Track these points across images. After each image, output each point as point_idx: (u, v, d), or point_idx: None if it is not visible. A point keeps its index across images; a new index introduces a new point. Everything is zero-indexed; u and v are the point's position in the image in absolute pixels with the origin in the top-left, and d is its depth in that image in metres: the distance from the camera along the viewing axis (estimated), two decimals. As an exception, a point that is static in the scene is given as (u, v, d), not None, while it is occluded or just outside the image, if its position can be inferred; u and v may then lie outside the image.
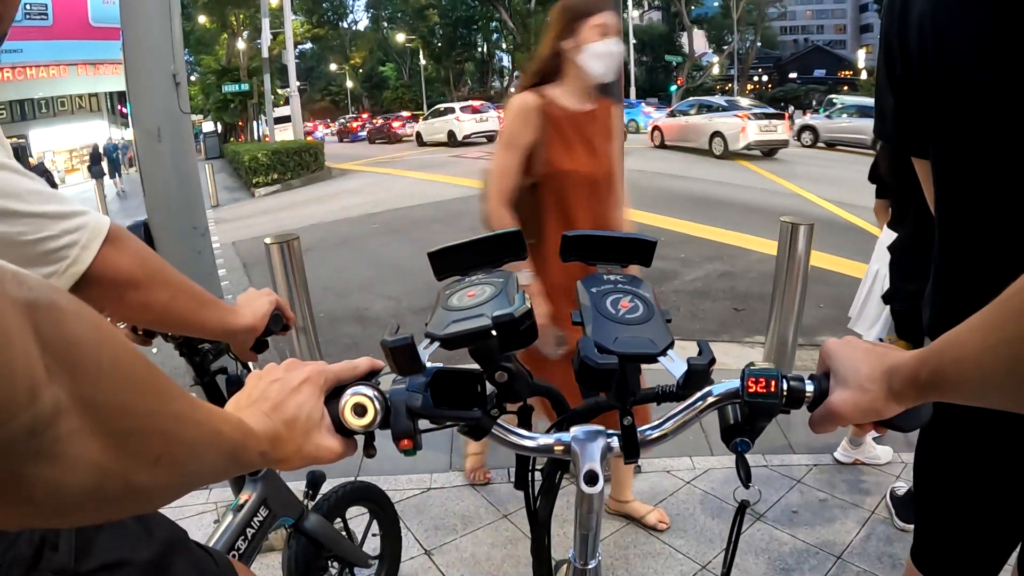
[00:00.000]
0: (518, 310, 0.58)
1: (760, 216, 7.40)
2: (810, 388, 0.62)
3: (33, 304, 0.28)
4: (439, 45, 44.70)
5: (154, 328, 1.03)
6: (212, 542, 1.12)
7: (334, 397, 0.61)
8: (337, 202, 11.42)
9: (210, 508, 2.28)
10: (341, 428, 0.60)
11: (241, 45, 27.57)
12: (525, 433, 0.69)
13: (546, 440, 0.68)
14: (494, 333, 0.59)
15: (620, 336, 0.62)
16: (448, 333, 0.60)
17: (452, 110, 22.37)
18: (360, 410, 0.60)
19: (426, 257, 0.69)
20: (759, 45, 43.60)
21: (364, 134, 31.23)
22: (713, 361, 0.61)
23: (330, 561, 1.43)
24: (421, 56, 43.83)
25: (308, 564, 1.34)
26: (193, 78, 30.09)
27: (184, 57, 2.36)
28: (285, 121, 22.92)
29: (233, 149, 20.68)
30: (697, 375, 0.61)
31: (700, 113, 16.05)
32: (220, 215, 11.40)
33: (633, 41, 31.89)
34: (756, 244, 6.33)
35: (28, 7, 18.52)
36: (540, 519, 0.78)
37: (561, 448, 0.68)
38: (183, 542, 0.86)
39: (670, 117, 17.27)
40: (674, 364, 0.61)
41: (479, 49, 46.82)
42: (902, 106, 0.91)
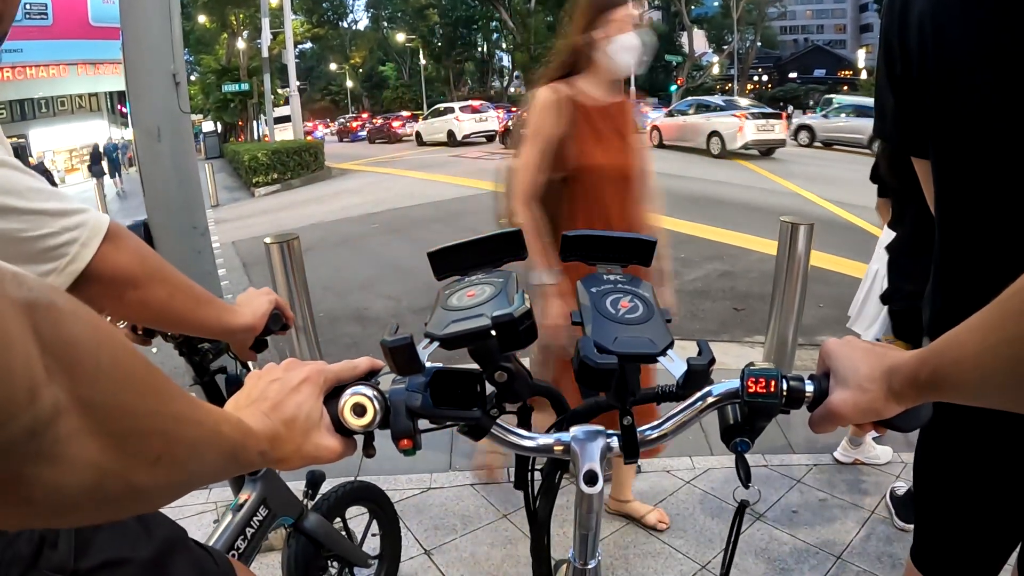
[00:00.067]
0: (517, 310, 0.58)
1: (760, 216, 7.40)
2: (810, 388, 0.62)
3: (32, 304, 0.28)
4: (439, 45, 44.70)
5: (153, 326, 1.03)
6: (212, 541, 1.12)
7: (334, 397, 0.61)
8: (337, 202, 11.42)
9: (210, 508, 2.28)
10: (341, 428, 0.60)
11: (241, 45, 27.57)
12: (524, 433, 0.69)
13: (546, 440, 0.68)
14: (493, 333, 0.59)
15: (620, 336, 0.62)
16: (447, 333, 0.60)
17: (452, 110, 22.37)
18: (359, 410, 0.60)
19: (426, 257, 0.69)
20: (759, 45, 43.61)
21: (364, 134, 31.23)
22: (713, 361, 0.61)
23: (330, 561, 1.43)
24: (421, 56, 43.82)
25: (308, 564, 1.34)
26: (193, 78, 30.10)
27: (184, 57, 2.36)
28: (285, 121, 22.93)
29: (233, 149, 20.68)
30: (697, 375, 0.61)
31: (698, 113, 16.06)
32: (220, 215, 11.39)
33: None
34: (756, 244, 6.33)
35: (28, 7, 18.53)
36: (540, 519, 0.78)
37: (561, 448, 0.68)
38: (183, 541, 0.86)
39: (668, 117, 17.29)
40: (674, 364, 0.61)
41: (479, 49, 46.82)
42: (902, 106, 0.91)
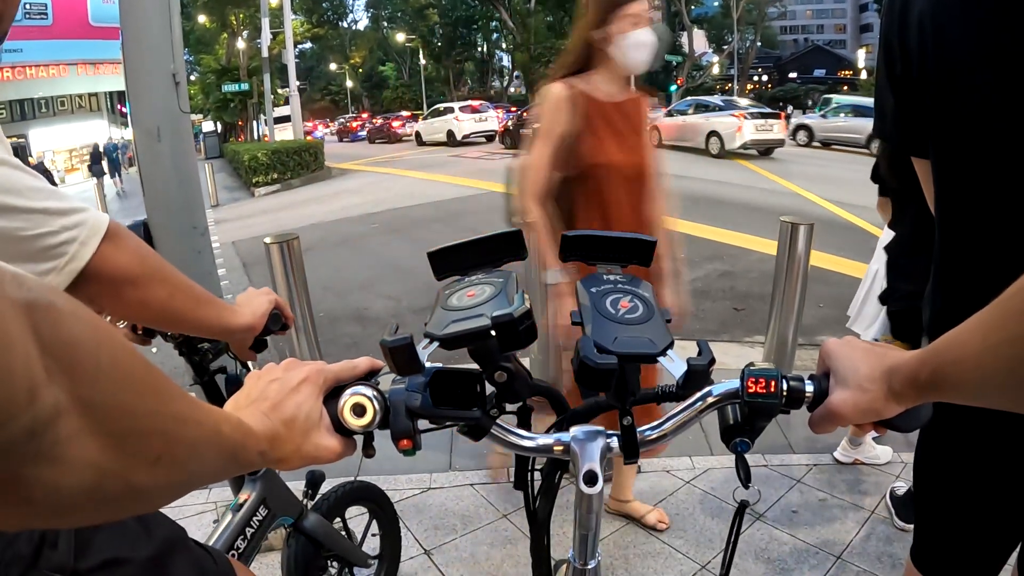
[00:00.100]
0: (517, 310, 0.58)
1: (759, 215, 7.40)
2: (810, 388, 0.62)
3: (32, 305, 0.28)
4: (439, 45, 44.69)
5: (152, 326, 1.03)
6: (211, 541, 1.12)
7: (333, 397, 0.60)
8: (337, 202, 11.41)
9: (209, 507, 2.28)
10: (340, 428, 0.60)
11: (241, 45, 27.56)
12: (524, 433, 0.69)
13: (545, 440, 0.68)
14: (493, 333, 0.59)
15: (619, 336, 0.61)
16: (447, 333, 0.60)
17: (451, 110, 22.37)
18: (359, 410, 0.60)
19: (426, 257, 0.69)
20: (759, 45, 43.57)
21: (364, 134, 31.24)
22: (713, 361, 0.61)
23: (329, 561, 1.43)
24: (421, 56, 43.80)
25: (307, 563, 1.34)
26: (193, 78, 30.10)
27: (184, 57, 2.36)
28: (285, 121, 22.93)
29: (233, 149, 20.68)
30: (697, 375, 0.61)
31: (697, 113, 16.07)
32: (220, 215, 11.39)
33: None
34: (756, 244, 6.33)
35: (28, 7, 18.54)
36: (539, 519, 0.78)
37: (560, 448, 0.68)
38: (182, 541, 0.86)
39: (667, 117, 17.29)
40: (674, 364, 0.61)
41: (479, 49, 46.81)
42: (902, 106, 0.91)
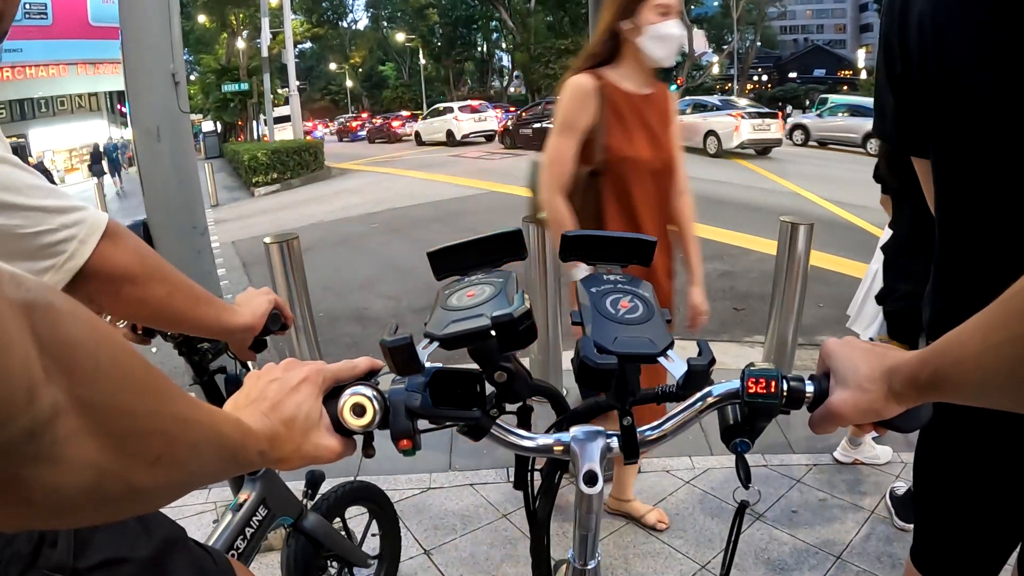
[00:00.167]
0: (517, 310, 0.58)
1: (759, 215, 7.40)
2: (810, 388, 0.62)
3: (31, 305, 0.28)
4: (439, 44, 44.69)
5: (152, 325, 1.03)
6: (211, 541, 1.12)
7: (333, 397, 0.60)
8: (337, 201, 11.42)
9: (209, 507, 2.28)
10: (340, 428, 0.60)
11: (241, 44, 27.56)
12: (524, 433, 0.69)
13: (545, 440, 0.68)
14: (493, 333, 0.58)
15: (620, 336, 0.61)
16: (447, 333, 0.60)
17: (451, 110, 22.38)
18: (359, 410, 0.60)
19: (425, 257, 0.69)
20: (759, 45, 43.60)
21: (364, 133, 31.23)
22: (713, 361, 0.61)
23: (329, 561, 1.43)
24: (421, 55, 43.79)
25: (307, 563, 1.34)
26: (193, 77, 30.10)
27: (183, 56, 2.36)
28: (285, 120, 22.95)
29: (233, 148, 20.69)
30: (697, 375, 0.61)
31: (695, 112, 16.09)
32: (219, 214, 11.40)
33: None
34: (756, 244, 6.33)
35: (28, 6, 18.54)
36: (539, 519, 0.78)
37: (560, 448, 0.68)
38: (182, 540, 0.86)
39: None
40: (674, 364, 0.61)
41: (479, 49, 46.81)
42: (902, 106, 0.91)
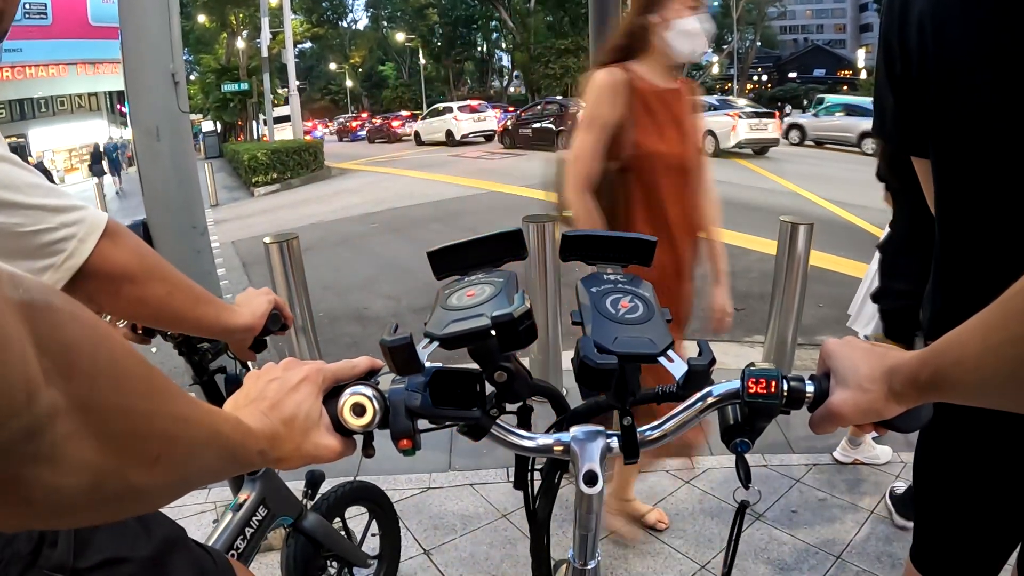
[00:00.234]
0: (517, 310, 0.58)
1: (758, 215, 7.39)
2: (810, 388, 0.62)
3: (30, 306, 0.28)
4: (439, 44, 44.68)
5: (152, 325, 1.03)
6: (211, 541, 1.12)
7: (333, 396, 0.60)
8: (336, 201, 11.42)
9: (209, 507, 2.28)
10: (340, 427, 0.60)
11: (240, 44, 27.58)
12: (524, 433, 0.69)
13: (545, 440, 0.68)
14: (493, 333, 0.58)
15: (620, 336, 0.61)
16: (447, 333, 0.60)
17: (450, 109, 22.36)
18: (359, 410, 0.60)
19: (425, 256, 0.69)
20: (759, 44, 43.61)
21: (363, 133, 31.21)
22: (713, 361, 0.61)
23: (329, 560, 1.43)
24: (421, 55, 43.77)
25: (307, 563, 1.34)
26: (192, 77, 30.11)
27: (183, 56, 2.36)
28: (284, 120, 22.94)
29: (232, 148, 20.68)
30: (697, 375, 0.61)
31: (693, 112, 16.14)
32: (219, 214, 11.40)
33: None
34: (755, 243, 6.32)
35: (28, 6, 18.53)
36: (539, 519, 0.78)
37: (560, 448, 0.68)
38: (182, 540, 0.86)
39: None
40: (674, 364, 0.61)
41: (479, 48, 46.80)
42: (902, 105, 0.91)
